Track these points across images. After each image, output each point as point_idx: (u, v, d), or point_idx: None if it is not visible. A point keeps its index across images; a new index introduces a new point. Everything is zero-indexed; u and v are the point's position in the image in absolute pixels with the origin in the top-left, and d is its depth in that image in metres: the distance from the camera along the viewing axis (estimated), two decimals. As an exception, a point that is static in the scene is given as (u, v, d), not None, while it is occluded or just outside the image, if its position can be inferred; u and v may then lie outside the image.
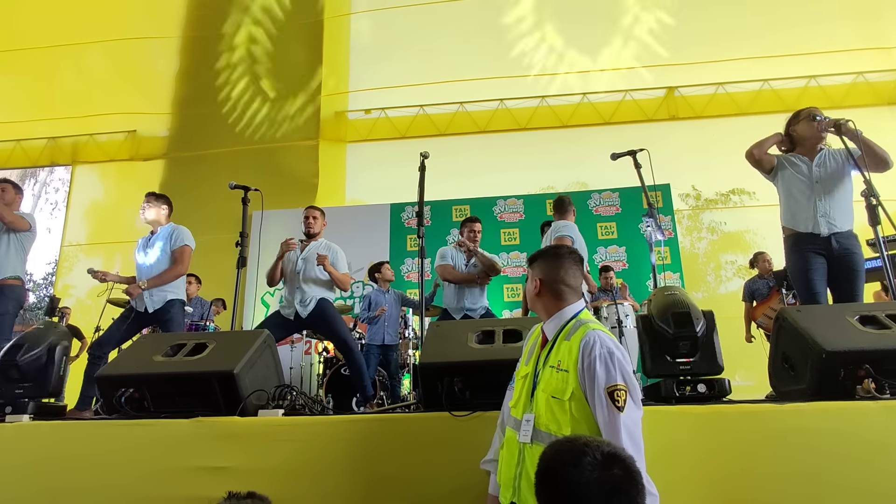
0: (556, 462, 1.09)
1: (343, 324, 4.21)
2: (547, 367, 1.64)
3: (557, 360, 1.62)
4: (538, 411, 1.59)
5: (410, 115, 8.98)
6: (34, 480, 2.31)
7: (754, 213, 7.85)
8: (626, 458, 1.07)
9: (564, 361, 1.60)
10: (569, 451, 1.08)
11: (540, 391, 1.61)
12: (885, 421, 1.93)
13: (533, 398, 1.63)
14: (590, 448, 1.07)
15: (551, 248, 1.95)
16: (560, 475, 1.06)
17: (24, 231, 3.90)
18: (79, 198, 9.56)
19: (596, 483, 1.02)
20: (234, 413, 2.34)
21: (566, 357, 1.60)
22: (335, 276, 4.08)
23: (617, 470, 1.04)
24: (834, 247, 3.06)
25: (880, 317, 2.27)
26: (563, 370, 1.59)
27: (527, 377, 1.71)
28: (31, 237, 3.98)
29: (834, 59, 8.10)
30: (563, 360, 1.61)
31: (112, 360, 2.75)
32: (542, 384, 1.62)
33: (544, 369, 1.65)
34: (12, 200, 3.94)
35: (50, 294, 9.80)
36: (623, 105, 8.60)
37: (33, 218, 4.00)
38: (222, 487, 2.14)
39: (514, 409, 1.70)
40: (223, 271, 7.35)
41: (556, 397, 1.56)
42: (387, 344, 5.54)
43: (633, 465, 1.07)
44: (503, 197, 7.88)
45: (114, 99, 9.44)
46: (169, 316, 3.83)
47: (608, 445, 1.09)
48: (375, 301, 5.65)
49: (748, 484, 1.91)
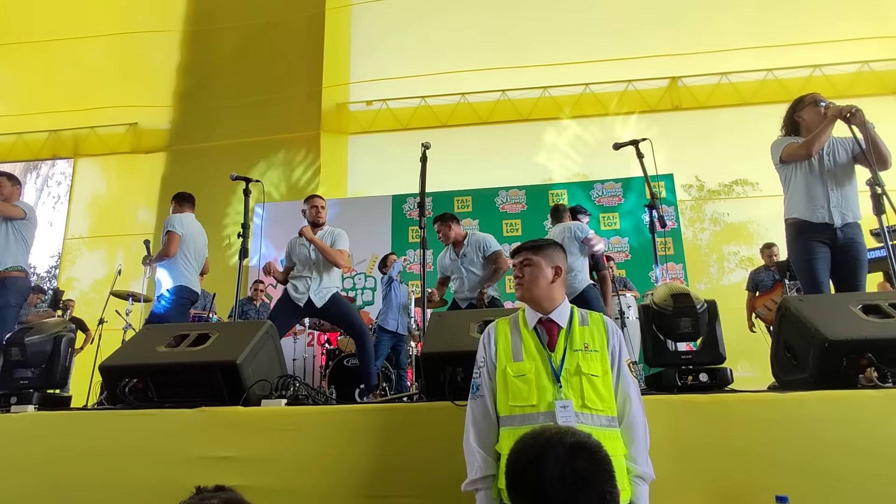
0: (520, 462, 1.07)
1: (356, 311, 4.27)
2: (573, 352, 1.70)
3: (584, 343, 1.72)
4: (576, 394, 1.64)
5: (412, 106, 8.95)
6: (39, 470, 2.33)
7: (757, 204, 7.82)
8: (592, 445, 1.06)
9: (592, 343, 1.73)
10: (532, 449, 1.07)
11: (573, 375, 1.67)
12: (886, 410, 1.93)
13: (561, 385, 1.65)
14: (552, 443, 1.05)
15: (552, 240, 1.96)
16: (524, 473, 1.05)
17: (20, 219, 3.84)
18: (81, 191, 9.59)
19: (560, 478, 1.00)
20: (238, 403, 2.35)
21: (592, 339, 1.74)
22: (323, 248, 4.06)
23: (582, 461, 1.02)
24: (839, 237, 3.04)
25: (883, 306, 2.26)
26: (594, 350, 1.71)
27: (536, 370, 1.69)
28: (30, 226, 3.93)
29: (838, 49, 8.04)
30: (590, 343, 1.73)
31: (115, 350, 2.76)
32: (574, 368, 1.68)
33: (572, 353, 1.70)
34: (10, 194, 3.92)
35: (54, 287, 9.84)
36: (626, 95, 8.56)
37: (28, 206, 3.94)
38: (226, 476, 2.17)
39: (524, 407, 1.66)
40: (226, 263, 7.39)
41: (595, 375, 1.67)
42: (399, 333, 5.60)
43: (599, 453, 1.05)
44: (505, 188, 7.86)
45: (115, 92, 9.44)
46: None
47: (572, 436, 1.07)
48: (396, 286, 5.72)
49: (749, 472, 1.91)
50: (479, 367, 1.84)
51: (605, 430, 1.62)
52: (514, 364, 1.74)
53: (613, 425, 1.66)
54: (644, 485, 1.63)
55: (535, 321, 1.79)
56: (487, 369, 1.81)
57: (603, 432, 1.60)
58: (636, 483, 1.62)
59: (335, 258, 4.06)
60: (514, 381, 1.71)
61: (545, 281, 1.79)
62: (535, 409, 1.65)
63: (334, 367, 5.71)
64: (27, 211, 3.90)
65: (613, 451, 1.56)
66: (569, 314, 1.79)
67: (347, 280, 7.66)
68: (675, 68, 8.44)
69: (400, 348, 5.65)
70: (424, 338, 2.60)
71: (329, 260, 4.06)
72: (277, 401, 2.38)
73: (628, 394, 1.71)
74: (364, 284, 7.66)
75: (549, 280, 1.79)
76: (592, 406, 1.64)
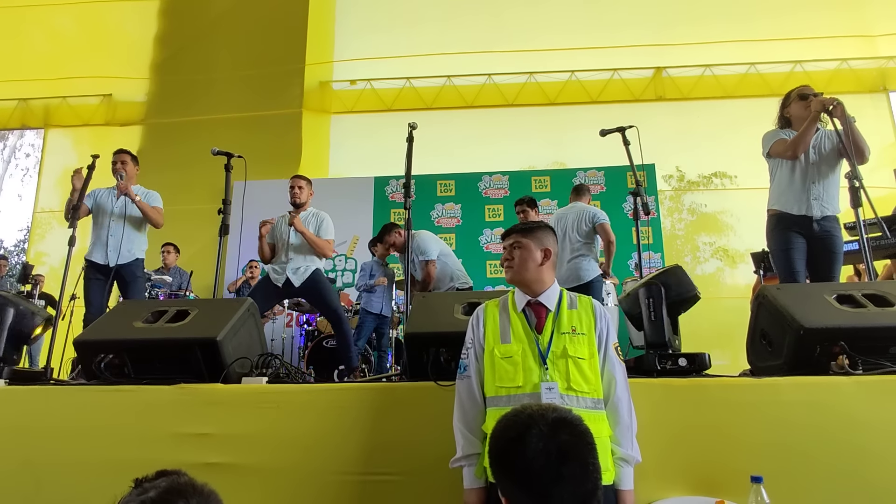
0: (503, 439, 1.07)
1: (335, 294, 4.22)
2: (560, 335, 1.71)
3: (571, 326, 1.73)
4: (562, 376, 1.66)
5: (397, 87, 8.84)
6: (11, 445, 2.27)
7: (734, 196, 7.97)
8: (573, 419, 1.06)
9: (580, 326, 1.74)
10: (514, 426, 1.06)
11: (559, 357, 1.68)
12: (857, 395, 1.99)
13: (547, 367, 1.66)
14: (535, 418, 1.05)
15: (543, 222, 1.97)
16: (508, 450, 1.05)
17: None
18: (52, 163, 9.27)
19: (543, 452, 1.00)
20: (217, 381, 2.32)
21: (580, 322, 1.75)
22: (311, 239, 4.02)
23: (564, 435, 1.02)
24: (815, 229, 3.11)
25: (857, 296, 2.32)
26: (581, 333, 1.73)
27: (523, 352, 1.70)
28: None
29: (819, 45, 8.17)
30: (577, 326, 1.74)
31: (91, 325, 2.69)
32: (560, 350, 1.69)
33: (559, 336, 1.71)
34: None
35: (23, 262, 9.55)
36: (611, 84, 8.58)
37: None
38: (205, 453, 2.14)
39: (510, 388, 1.68)
40: (203, 241, 7.24)
41: (581, 358, 1.69)
42: (383, 315, 5.60)
43: (580, 426, 1.05)
44: (488, 173, 7.85)
45: (88, 61, 9.10)
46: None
47: (554, 411, 1.07)
48: (375, 272, 5.68)
49: (726, 453, 1.96)
50: (467, 347, 1.84)
51: (591, 412, 1.64)
52: (501, 346, 1.75)
53: (599, 407, 1.68)
54: (628, 467, 1.66)
55: (523, 303, 1.80)
56: (475, 350, 1.82)
57: (588, 414, 1.62)
58: (620, 465, 1.65)
59: (323, 250, 4.07)
60: (500, 363, 1.72)
61: (534, 263, 1.79)
62: (520, 391, 1.66)
63: (313, 347, 5.69)
64: None
65: (598, 432, 1.59)
66: (557, 297, 1.80)
67: (328, 262, 7.59)
68: (660, 59, 8.49)
69: (383, 330, 5.66)
70: (408, 318, 2.59)
71: (317, 251, 4.05)
72: (258, 378, 2.35)
73: (614, 376, 1.73)
74: (345, 266, 7.61)
75: (538, 263, 1.79)
76: (578, 388, 1.65)
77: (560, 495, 0.97)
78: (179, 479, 0.96)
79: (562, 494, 0.97)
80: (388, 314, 5.67)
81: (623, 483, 1.64)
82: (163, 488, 0.91)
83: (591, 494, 1.00)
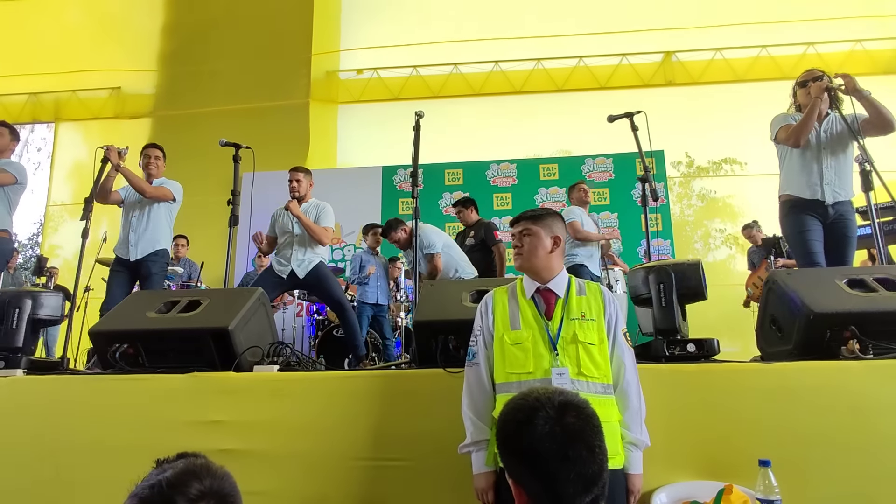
0: (511, 423, 1.08)
1: (337, 284, 4.23)
2: (570, 321, 1.73)
3: (581, 312, 1.75)
4: (572, 362, 1.67)
5: (403, 76, 8.80)
6: (29, 434, 2.32)
7: (744, 182, 7.88)
8: (580, 402, 1.07)
9: (589, 312, 1.75)
10: (521, 409, 1.07)
11: (569, 343, 1.70)
12: (866, 379, 1.98)
13: (557, 353, 1.68)
14: (542, 402, 1.05)
15: (551, 209, 1.96)
16: (515, 434, 1.05)
17: (10, 185, 3.73)
18: (63, 156, 9.35)
19: (550, 436, 1.01)
20: (230, 369, 2.35)
21: (589, 308, 1.76)
22: (308, 225, 4.00)
23: (570, 418, 1.03)
24: (830, 213, 3.07)
25: (868, 280, 2.31)
26: (591, 319, 1.74)
27: (533, 338, 1.72)
28: (19, 189, 3.80)
29: (832, 27, 8.01)
30: (587, 312, 1.75)
31: (105, 315, 2.73)
32: (570, 336, 1.71)
33: (569, 322, 1.73)
34: (5, 147, 3.79)
35: (37, 255, 9.67)
36: (619, 69, 8.49)
37: (19, 167, 3.80)
38: (218, 440, 2.18)
39: (521, 374, 1.69)
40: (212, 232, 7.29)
41: (591, 344, 1.70)
42: (379, 303, 5.67)
43: (587, 409, 1.06)
44: (496, 161, 7.81)
45: (97, 54, 9.14)
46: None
47: (560, 395, 1.08)
48: (365, 262, 5.71)
49: (734, 437, 1.97)
50: (475, 335, 1.85)
51: (601, 397, 1.65)
52: (511, 332, 1.76)
53: (609, 392, 1.69)
54: (637, 451, 1.68)
55: (532, 290, 1.80)
56: (484, 338, 1.83)
57: (598, 399, 1.63)
58: (629, 449, 1.67)
59: (319, 236, 4.02)
60: (510, 349, 1.73)
61: (544, 251, 1.80)
62: (531, 377, 1.68)
63: (323, 336, 5.74)
64: (17, 176, 3.76)
65: (608, 417, 1.60)
66: (566, 284, 1.81)
67: (337, 251, 7.63)
68: (669, 43, 8.36)
69: (382, 319, 5.69)
70: (417, 306, 2.61)
71: (314, 237, 4.01)
72: (270, 367, 2.39)
73: (623, 361, 1.75)
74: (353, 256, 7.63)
75: (547, 250, 1.80)
76: (588, 374, 1.67)
77: (566, 477, 0.98)
78: (196, 460, 0.98)
79: (568, 476, 0.98)
80: (386, 302, 5.72)
81: (632, 467, 1.66)
82: (179, 469, 0.94)
83: (597, 476, 1.01)
